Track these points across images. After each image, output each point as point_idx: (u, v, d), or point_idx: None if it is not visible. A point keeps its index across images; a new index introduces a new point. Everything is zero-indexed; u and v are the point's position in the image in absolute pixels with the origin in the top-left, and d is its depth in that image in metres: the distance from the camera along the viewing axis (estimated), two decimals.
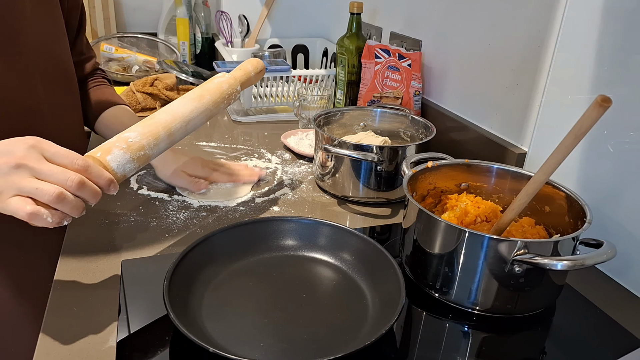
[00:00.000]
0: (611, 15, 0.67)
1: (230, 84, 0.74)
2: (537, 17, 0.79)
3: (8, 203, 0.48)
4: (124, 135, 0.60)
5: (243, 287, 0.63)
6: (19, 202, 0.48)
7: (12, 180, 0.48)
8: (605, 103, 0.49)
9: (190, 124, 0.67)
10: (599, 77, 0.69)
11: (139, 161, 0.60)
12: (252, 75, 0.78)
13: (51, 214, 0.49)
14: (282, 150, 1.09)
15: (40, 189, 0.48)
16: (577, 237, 0.57)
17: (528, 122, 0.83)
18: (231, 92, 0.74)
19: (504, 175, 0.73)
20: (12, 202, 0.48)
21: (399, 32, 1.23)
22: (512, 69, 0.86)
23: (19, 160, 0.48)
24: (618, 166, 0.68)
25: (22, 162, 0.48)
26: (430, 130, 0.90)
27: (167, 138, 0.64)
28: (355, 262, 0.66)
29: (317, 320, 0.58)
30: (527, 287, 0.58)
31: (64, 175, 0.49)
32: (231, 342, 0.53)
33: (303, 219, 0.70)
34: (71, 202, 0.50)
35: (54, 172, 0.49)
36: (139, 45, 1.75)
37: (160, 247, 0.72)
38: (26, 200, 0.48)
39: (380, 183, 0.85)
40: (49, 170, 0.49)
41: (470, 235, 0.57)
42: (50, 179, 0.49)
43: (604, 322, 0.61)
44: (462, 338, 0.59)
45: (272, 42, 1.70)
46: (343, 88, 1.22)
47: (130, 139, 0.59)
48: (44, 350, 0.53)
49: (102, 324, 0.56)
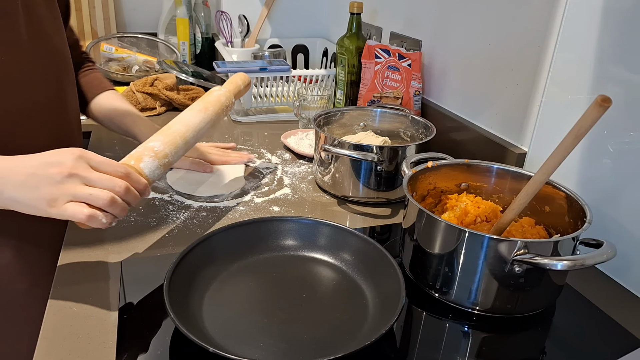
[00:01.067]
0: (611, 15, 0.67)
1: (227, 96, 0.83)
2: (537, 17, 0.79)
3: (65, 208, 0.53)
4: (149, 144, 0.67)
5: (243, 287, 0.63)
6: (76, 207, 0.53)
7: (66, 188, 0.53)
8: (605, 103, 0.49)
9: (200, 132, 0.75)
10: (599, 77, 0.70)
11: (164, 167, 0.67)
12: (242, 89, 0.89)
13: (104, 215, 0.55)
14: (282, 150, 1.09)
15: (93, 194, 0.54)
16: (577, 237, 0.57)
17: (528, 122, 0.83)
18: (228, 104, 0.83)
19: (504, 175, 0.73)
20: (68, 207, 0.53)
21: (399, 32, 1.23)
22: (512, 69, 0.86)
23: (71, 170, 0.53)
24: (618, 166, 0.68)
25: (73, 171, 0.54)
26: (430, 130, 0.90)
27: (184, 146, 0.72)
28: (355, 262, 0.66)
29: (317, 320, 0.58)
30: (527, 287, 0.58)
31: (112, 182, 0.56)
32: (231, 342, 0.53)
33: (303, 219, 0.70)
34: (120, 205, 0.56)
35: (103, 180, 0.55)
36: (139, 45, 1.76)
37: (160, 247, 0.72)
38: (82, 205, 0.54)
39: (380, 183, 0.85)
40: (98, 178, 0.55)
41: (470, 235, 0.57)
42: (100, 186, 0.55)
43: (604, 322, 0.61)
44: (462, 338, 0.59)
45: (272, 42, 1.70)
46: (343, 88, 1.22)
47: (156, 147, 0.66)
48: (44, 350, 0.53)
49: (102, 324, 0.56)
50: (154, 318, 0.58)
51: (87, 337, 0.55)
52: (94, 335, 0.55)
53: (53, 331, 0.55)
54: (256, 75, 1.25)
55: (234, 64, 1.27)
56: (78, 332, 0.55)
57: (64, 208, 0.53)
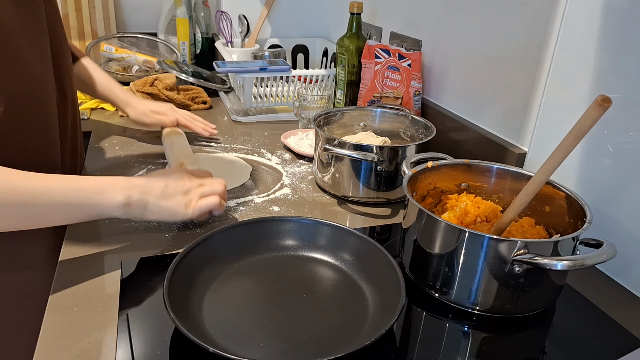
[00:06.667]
0: (611, 15, 0.67)
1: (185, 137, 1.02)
2: (537, 17, 0.79)
3: (199, 205, 0.68)
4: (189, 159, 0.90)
5: (243, 287, 0.63)
6: (208, 199, 0.69)
7: (193, 192, 0.69)
8: (605, 103, 0.49)
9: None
10: (599, 77, 0.70)
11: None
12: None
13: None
14: (282, 150, 1.09)
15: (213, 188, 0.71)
16: (577, 237, 0.57)
17: (528, 122, 0.83)
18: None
19: (504, 175, 0.73)
20: (202, 203, 0.69)
21: (399, 32, 1.23)
22: (512, 68, 0.86)
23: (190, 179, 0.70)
24: (618, 166, 0.68)
25: (192, 180, 0.70)
26: (430, 130, 0.90)
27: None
28: (355, 262, 0.66)
29: (317, 320, 0.58)
30: (527, 287, 0.58)
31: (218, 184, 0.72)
32: (231, 342, 0.53)
33: (303, 219, 0.70)
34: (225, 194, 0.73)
35: (212, 183, 0.72)
36: (139, 45, 1.75)
37: (160, 247, 0.72)
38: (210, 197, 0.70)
39: (380, 183, 0.85)
40: (209, 182, 0.72)
41: (470, 235, 0.57)
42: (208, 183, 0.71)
43: (604, 322, 0.61)
44: (462, 338, 0.59)
45: (272, 42, 1.70)
46: (343, 88, 1.22)
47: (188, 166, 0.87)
48: (44, 350, 0.53)
49: (102, 324, 0.56)
50: (154, 318, 0.58)
51: (87, 337, 0.55)
52: (94, 335, 0.55)
53: (53, 331, 0.55)
54: (256, 75, 1.25)
55: (234, 64, 1.27)
56: (78, 332, 0.55)
57: (198, 205, 0.68)
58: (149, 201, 0.64)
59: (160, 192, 0.66)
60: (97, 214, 0.63)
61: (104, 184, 0.62)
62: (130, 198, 0.63)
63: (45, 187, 0.59)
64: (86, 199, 0.61)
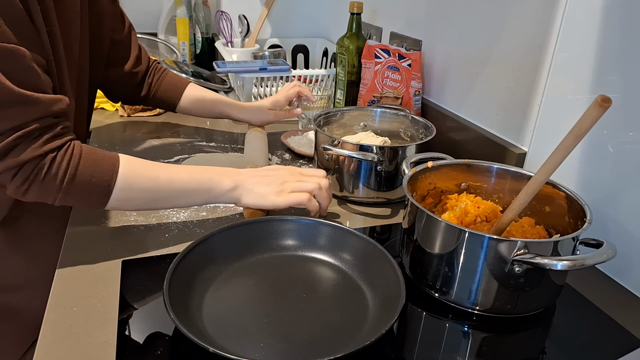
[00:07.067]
0: (611, 15, 0.67)
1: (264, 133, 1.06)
2: (537, 17, 0.79)
3: (289, 196, 0.72)
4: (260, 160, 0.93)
5: (243, 287, 0.63)
6: (298, 195, 0.73)
7: (287, 185, 0.73)
8: (605, 103, 0.49)
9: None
10: (599, 77, 0.70)
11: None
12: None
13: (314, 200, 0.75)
14: (282, 150, 1.09)
15: (304, 185, 0.74)
16: (577, 237, 0.57)
17: (528, 122, 0.83)
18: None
19: (504, 175, 0.73)
20: (292, 196, 0.72)
21: (399, 32, 1.23)
22: (512, 69, 0.86)
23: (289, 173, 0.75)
24: (618, 166, 0.68)
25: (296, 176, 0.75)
26: (430, 130, 0.90)
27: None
28: (355, 262, 0.66)
29: (317, 320, 0.58)
30: (527, 287, 0.58)
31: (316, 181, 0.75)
32: (231, 342, 0.53)
33: (303, 219, 0.70)
34: (323, 194, 0.75)
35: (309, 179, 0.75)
36: None
37: (160, 247, 0.72)
38: (301, 193, 0.73)
39: (380, 183, 0.85)
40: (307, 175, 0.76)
41: (470, 235, 0.57)
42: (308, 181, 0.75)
43: (604, 322, 0.61)
44: (462, 338, 0.59)
45: (272, 42, 1.70)
46: (343, 88, 1.22)
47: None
48: (44, 350, 0.53)
49: (102, 324, 0.56)
50: (154, 318, 0.58)
51: (87, 337, 0.55)
52: (94, 335, 0.55)
53: (53, 331, 0.55)
54: (256, 75, 1.25)
55: (234, 64, 1.27)
56: (78, 332, 0.55)
57: (287, 196, 0.72)
58: (249, 187, 0.72)
59: (259, 180, 0.73)
60: (210, 198, 0.72)
61: (216, 172, 0.73)
62: (236, 183, 0.72)
63: (168, 176, 0.69)
64: (201, 185, 0.71)
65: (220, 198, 0.72)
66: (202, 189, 0.71)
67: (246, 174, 0.74)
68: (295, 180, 0.74)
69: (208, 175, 0.72)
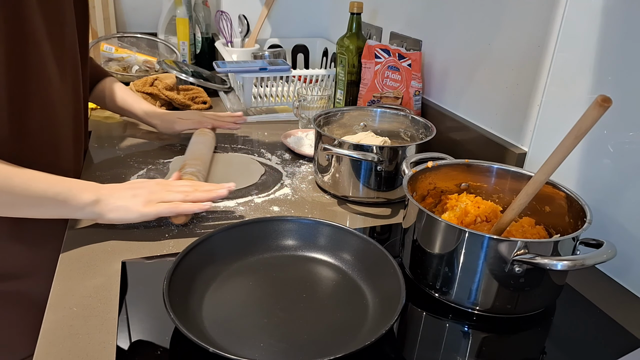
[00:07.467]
0: (611, 15, 0.67)
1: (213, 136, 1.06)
2: (537, 17, 0.79)
3: (157, 207, 0.72)
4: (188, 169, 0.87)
5: (243, 287, 0.63)
6: (169, 205, 0.72)
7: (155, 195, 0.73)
8: (605, 103, 0.49)
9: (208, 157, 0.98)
10: (599, 77, 0.70)
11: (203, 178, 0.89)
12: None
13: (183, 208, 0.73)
14: (282, 150, 1.09)
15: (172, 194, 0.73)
16: (577, 237, 0.57)
17: (528, 122, 0.83)
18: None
19: (504, 175, 0.73)
20: (160, 206, 0.72)
21: (399, 32, 1.23)
22: (512, 69, 0.86)
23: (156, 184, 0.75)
24: (618, 166, 0.68)
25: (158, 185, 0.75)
26: (430, 130, 0.90)
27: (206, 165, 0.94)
28: (355, 262, 0.66)
29: (317, 320, 0.58)
30: (527, 287, 0.58)
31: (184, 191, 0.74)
32: (231, 342, 0.53)
33: (303, 219, 0.70)
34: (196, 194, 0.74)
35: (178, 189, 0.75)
36: (139, 45, 1.75)
37: (160, 247, 0.72)
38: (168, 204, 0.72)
39: (380, 183, 0.85)
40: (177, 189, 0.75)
41: (470, 235, 0.57)
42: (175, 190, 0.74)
43: (604, 322, 0.61)
44: (462, 338, 0.59)
45: (272, 42, 1.70)
46: (343, 88, 1.22)
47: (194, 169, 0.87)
48: (44, 350, 0.53)
49: (102, 324, 0.56)
50: (154, 318, 0.58)
51: (87, 337, 0.55)
52: (94, 335, 0.55)
53: (53, 331, 0.55)
54: (256, 75, 1.25)
55: (234, 64, 1.27)
56: (78, 332, 0.55)
57: (156, 206, 0.71)
58: (112, 202, 0.70)
59: (124, 194, 0.72)
60: (68, 211, 0.68)
61: (77, 184, 0.69)
62: (98, 197, 0.69)
63: (24, 181, 0.64)
64: (58, 196, 0.66)
65: (79, 212, 0.69)
66: (59, 199, 0.66)
67: (110, 188, 0.72)
68: (165, 190, 0.73)
69: (67, 186, 0.67)
